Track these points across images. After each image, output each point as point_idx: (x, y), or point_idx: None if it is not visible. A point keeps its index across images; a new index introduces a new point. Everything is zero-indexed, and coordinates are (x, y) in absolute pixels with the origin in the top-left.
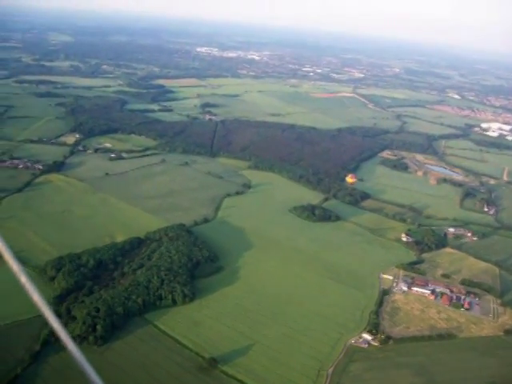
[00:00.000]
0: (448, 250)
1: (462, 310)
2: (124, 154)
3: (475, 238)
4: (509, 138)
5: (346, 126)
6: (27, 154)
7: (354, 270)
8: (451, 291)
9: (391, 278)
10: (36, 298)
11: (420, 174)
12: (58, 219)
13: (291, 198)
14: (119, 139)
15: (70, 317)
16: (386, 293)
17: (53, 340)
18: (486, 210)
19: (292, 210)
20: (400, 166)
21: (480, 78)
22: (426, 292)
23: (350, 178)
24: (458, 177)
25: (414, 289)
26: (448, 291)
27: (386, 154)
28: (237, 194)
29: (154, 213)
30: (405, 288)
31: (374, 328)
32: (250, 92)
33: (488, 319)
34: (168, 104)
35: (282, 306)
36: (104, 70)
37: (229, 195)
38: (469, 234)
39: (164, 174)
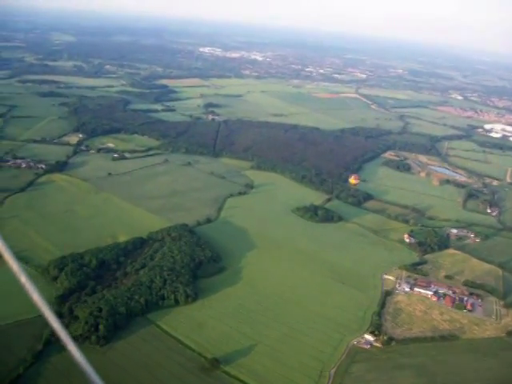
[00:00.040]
0: (451, 251)
1: (465, 311)
2: (127, 154)
3: (478, 240)
4: None
5: (348, 126)
6: (30, 154)
7: (356, 270)
8: (454, 292)
9: (394, 278)
10: (36, 297)
11: (423, 174)
12: (61, 219)
13: (294, 199)
14: (122, 139)
15: (72, 316)
16: (388, 294)
17: (55, 340)
18: (488, 211)
19: (295, 210)
20: (403, 167)
21: (483, 79)
22: (429, 293)
23: (353, 179)
24: (460, 178)
25: (417, 290)
26: (451, 292)
27: (389, 154)
28: (239, 194)
29: (157, 213)
30: (407, 289)
31: (377, 329)
32: (253, 92)
33: (491, 321)
34: (171, 104)
35: (284, 307)
36: (107, 69)
37: (231, 195)
38: (472, 236)
39: (167, 174)
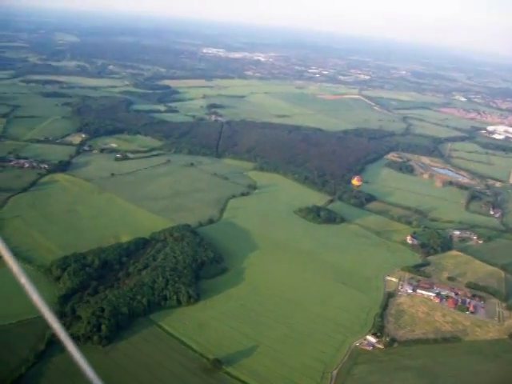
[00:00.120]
0: (453, 252)
1: (467, 313)
2: (130, 155)
3: (481, 241)
4: None
5: (351, 127)
6: (33, 154)
7: (358, 272)
8: (456, 294)
9: (396, 280)
10: (36, 298)
11: (426, 176)
12: (64, 219)
13: (296, 200)
14: (125, 139)
15: (74, 316)
16: (391, 295)
17: (57, 340)
18: (491, 213)
19: (297, 211)
20: (406, 169)
21: (486, 81)
22: (432, 295)
23: (356, 181)
24: (463, 179)
25: (419, 291)
26: (453, 294)
27: (392, 156)
28: (242, 195)
29: (160, 213)
30: (410, 291)
31: (379, 330)
32: (256, 93)
33: (493, 322)
34: (174, 105)
35: (286, 308)
36: (110, 70)
37: (234, 196)
38: (474, 237)
39: (169, 174)
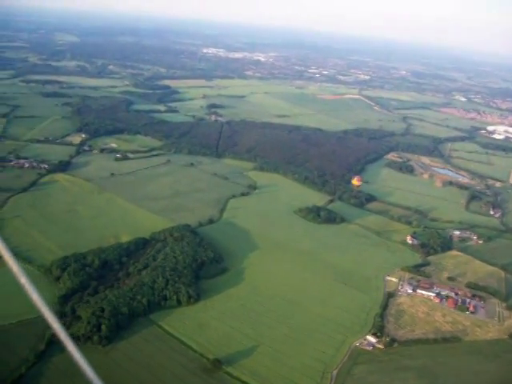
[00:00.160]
0: (453, 252)
1: (467, 313)
2: (130, 155)
3: (481, 241)
4: None
5: (351, 127)
6: (33, 154)
7: (358, 272)
8: (456, 294)
9: (396, 280)
10: (35, 298)
11: (426, 176)
12: (64, 219)
13: (296, 200)
14: (125, 139)
15: (74, 316)
16: (391, 295)
17: (57, 340)
18: (491, 213)
19: (297, 211)
20: (406, 169)
21: (486, 81)
22: (432, 295)
23: (356, 181)
24: (463, 179)
25: (419, 291)
26: (453, 294)
27: (392, 156)
28: (242, 195)
29: (159, 213)
30: (410, 290)
31: (379, 330)
32: (256, 93)
33: (493, 322)
34: (174, 105)
35: (286, 308)
36: (110, 70)
37: (234, 196)
38: (474, 237)
39: (169, 174)
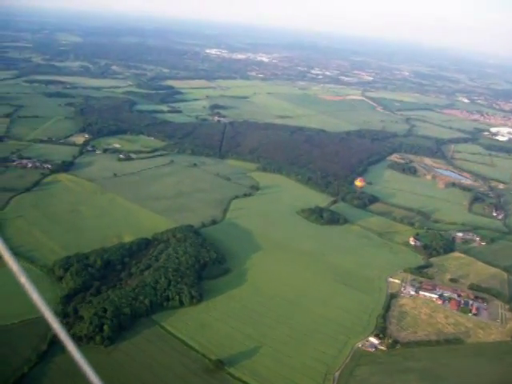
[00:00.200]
0: (456, 254)
1: (470, 314)
2: (133, 155)
3: (483, 243)
4: None
5: (354, 128)
6: (36, 154)
7: (361, 273)
8: (459, 296)
9: (399, 281)
10: (35, 298)
11: (428, 177)
12: (66, 219)
13: (299, 201)
14: (128, 140)
15: (77, 317)
16: (393, 297)
17: (59, 340)
18: (494, 214)
19: (300, 212)
20: (408, 170)
21: (489, 82)
22: (434, 296)
23: (359, 182)
24: (466, 181)
25: (422, 293)
26: (456, 296)
27: (395, 157)
28: (245, 195)
29: (162, 214)
30: (412, 292)
31: (381, 332)
32: (259, 94)
33: (496, 324)
34: (177, 105)
35: (288, 309)
36: (113, 70)
37: (237, 197)
38: (477, 239)
39: (172, 175)
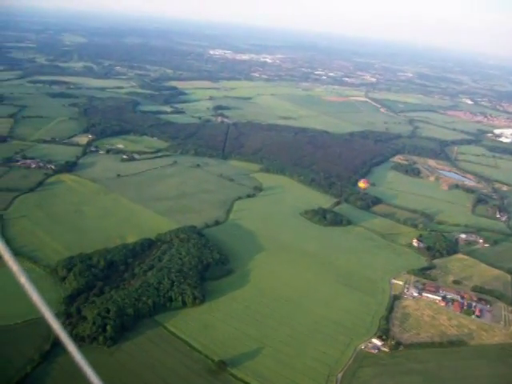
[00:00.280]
0: (459, 256)
1: (473, 316)
2: (136, 156)
3: (487, 245)
4: None
5: (358, 130)
6: (40, 154)
7: (364, 274)
8: (462, 298)
9: (402, 283)
10: (35, 298)
11: (432, 179)
12: (70, 219)
13: (302, 202)
14: (131, 140)
15: (80, 317)
16: (396, 298)
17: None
18: (498, 216)
19: (303, 213)
20: (412, 171)
21: (492, 84)
22: (437, 298)
23: (363, 183)
24: (470, 183)
25: (425, 295)
26: (459, 298)
27: (398, 158)
28: (248, 196)
29: (165, 214)
30: (415, 294)
31: (384, 334)
32: (263, 95)
33: (499, 326)
34: (180, 106)
35: (291, 310)
36: (117, 71)
37: (240, 198)
38: (480, 241)
39: (176, 175)
